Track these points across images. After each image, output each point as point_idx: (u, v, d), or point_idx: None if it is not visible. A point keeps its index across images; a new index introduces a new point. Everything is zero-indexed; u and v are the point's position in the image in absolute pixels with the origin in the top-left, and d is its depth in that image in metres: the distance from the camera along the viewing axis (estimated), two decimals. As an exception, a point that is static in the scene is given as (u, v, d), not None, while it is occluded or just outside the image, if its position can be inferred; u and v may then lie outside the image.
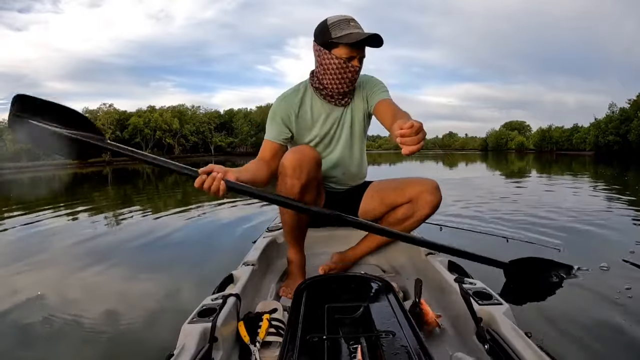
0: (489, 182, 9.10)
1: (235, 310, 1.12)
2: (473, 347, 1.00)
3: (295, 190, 1.39)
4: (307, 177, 1.39)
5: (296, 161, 1.38)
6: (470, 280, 1.18)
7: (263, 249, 1.67)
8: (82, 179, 15.57)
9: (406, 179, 1.66)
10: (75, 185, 12.91)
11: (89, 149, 1.19)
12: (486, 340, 0.93)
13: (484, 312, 1.00)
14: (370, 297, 1.11)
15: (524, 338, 0.86)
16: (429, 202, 1.55)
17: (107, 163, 35.10)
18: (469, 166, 18.23)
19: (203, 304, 1.08)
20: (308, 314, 1.00)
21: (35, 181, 15.67)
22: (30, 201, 7.64)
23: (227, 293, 1.15)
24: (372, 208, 1.70)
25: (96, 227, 4.13)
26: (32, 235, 3.85)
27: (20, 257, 2.89)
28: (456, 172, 13.70)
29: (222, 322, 1.00)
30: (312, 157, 1.41)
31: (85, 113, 38.21)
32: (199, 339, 0.92)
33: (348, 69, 1.46)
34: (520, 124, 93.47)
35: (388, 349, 0.81)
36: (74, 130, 1.18)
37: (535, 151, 68.16)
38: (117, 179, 14.71)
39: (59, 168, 27.60)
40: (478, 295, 1.07)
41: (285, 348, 0.86)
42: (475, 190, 6.26)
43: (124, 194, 8.94)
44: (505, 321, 0.94)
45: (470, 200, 4.90)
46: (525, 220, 3.55)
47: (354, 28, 1.42)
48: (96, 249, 3.11)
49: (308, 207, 1.33)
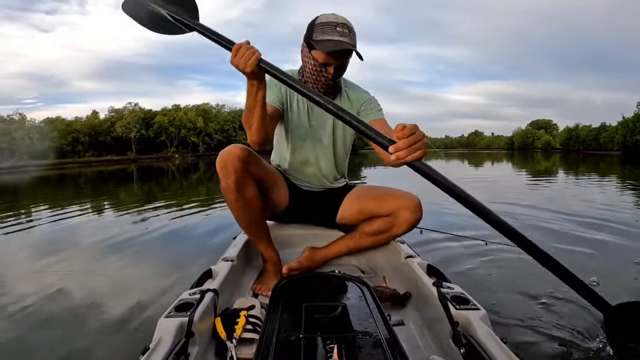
0: (511, 182, 9.04)
1: (213, 306, 1.11)
2: (449, 350, 1.01)
3: (230, 190, 1.40)
4: (236, 174, 1.38)
5: (221, 162, 1.38)
6: (448, 285, 1.19)
7: (243, 245, 1.65)
8: (108, 177, 16.09)
9: (389, 190, 1.65)
10: (99, 182, 13.25)
11: (178, 28, 1.28)
12: (462, 344, 0.94)
13: (460, 317, 1.01)
14: (348, 298, 1.11)
15: (499, 343, 0.87)
16: (408, 220, 1.53)
17: (132, 161, 36.09)
18: (484, 166, 18.01)
19: (181, 299, 1.07)
20: (285, 312, 1.00)
21: (61, 179, 16.05)
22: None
23: (205, 288, 1.14)
24: (350, 215, 1.68)
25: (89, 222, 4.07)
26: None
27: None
28: (476, 172, 13.54)
29: (199, 317, 0.99)
30: (235, 155, 1.37)
31: (111, 112, 40.95)
32: (176, 334, 0.91)
33: (322, 74, 1.45)
34: (546, 122, 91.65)
35: (364, 350, 0.81)
36: (169, 8, 1.29)
37: (562, 150, 66.53)
38: (142, 177, 15.00)
39: (84, 166, 27.98)
40: (455, 299, 1.08)
41: (262, 345, 0.85)
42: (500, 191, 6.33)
43: (147, 191, 8.97)
44: (482, 326, 0.95)
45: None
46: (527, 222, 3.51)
47: (337, 35, 1.38)
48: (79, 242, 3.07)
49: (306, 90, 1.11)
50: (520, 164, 18.96)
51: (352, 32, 1.41)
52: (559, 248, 2.58)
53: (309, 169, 1.69)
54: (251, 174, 1.44)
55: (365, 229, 1.62)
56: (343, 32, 1.38)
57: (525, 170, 14.10)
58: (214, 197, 5.72)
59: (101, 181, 13.90)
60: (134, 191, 9.18)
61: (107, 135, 48.23)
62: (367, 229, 1.61)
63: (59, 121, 48.11)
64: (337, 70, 1.46)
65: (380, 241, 1.62)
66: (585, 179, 9.40)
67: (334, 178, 1.76)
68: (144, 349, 0.87)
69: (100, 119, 50.72)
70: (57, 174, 19.78)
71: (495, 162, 22.50)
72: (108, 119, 50.13)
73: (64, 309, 1.74)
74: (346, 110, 1.05)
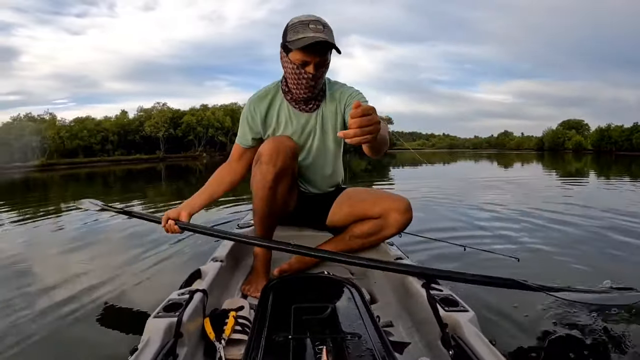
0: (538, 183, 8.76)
1: (202, 306, 1.10)
2: (438, 352, 1.01)
3: (268, 177, 1.38)
4: (283, 165, 1.38)
5: (273, 148, 1.37)
6: (437, 287, 1.19)
7: (232, 245, 1.65)
8: (136, 175, 16.52)
9: (378, 192, 1.65)
10: (129, 181, 13.53)
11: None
12: (451, 346, 0.94)
13: (449, 319, 1.01)
14: (337, 299, 1.11)
15: (488, 345, 0.88)
16: (398, 222, 1.54)
17: (161, 159, 37.78)
18: (513, 167, 17.04)
19: (169, 299, 1.06)
20: (274, 313, 1.00)
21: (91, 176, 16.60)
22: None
23: (194, 288, 1.13)
24: (339, 217, 1.68)
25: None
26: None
27: None
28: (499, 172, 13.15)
29: (188, 317, 0.98)
30: (289, 146, 1.40)
31: (139, 112, 42.98)
32: (164, 334, 0.90)
33: (302, 75, 1.40)
34: (578, 122, 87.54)
35: (353, 351, 0.81)
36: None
37: (594, 151, 63.16)
38: (170, 175, 15.30)
39: (114, 164, 28.69)
40: (444, 301, 1.09)
41: (251, 346, 0.85)
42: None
43: (174, 188, 9.04)
44: (471, 328, 0.95)
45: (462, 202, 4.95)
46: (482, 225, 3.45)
47: (310, 31, 1.32)
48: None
49: (264, 242, 1.46)
50: (551, 165, 17.99)
51: (326, 27, 1.35)
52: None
53: (306, 176, 1.67)
54: (293, 169, 1.46)
55: (355, 231, 1.62)
56: (317, 29, 1.32)
57: (558, 171, 13.35)
58: (229, 195, 5.63)
59: (130, 179, 14.06)
60: (162, 189, 9.25)
61: (136, 134, 48.57)
62: (357, 231, 1.61)
63: (88, 120, 48.53)
64: (317, 68, 1.39)
65: (369, 243, 1.62)
66: (618, 181, 8.87)
67: (331, 182, 1.74)
68: (132, 349, 0.87)
69: (129, 119, 51.05)
70: (86, 172, 20.18)
71: (525, 162, 21.15)
72: (137, 119, 50.45)
73: (50, 304, 1.72)
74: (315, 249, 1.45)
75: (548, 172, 13.28)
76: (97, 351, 1.39)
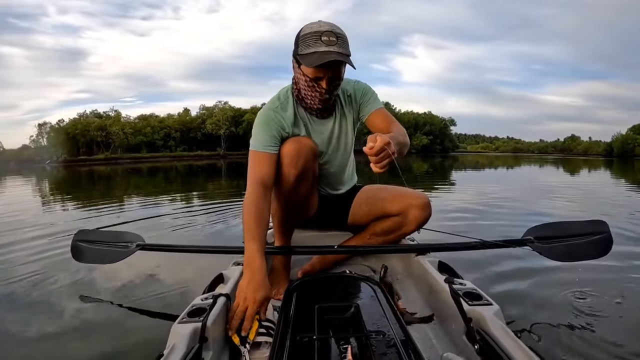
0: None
1: (226, 310, 1.11)
2: (463, 347, 1.01)
3: (290, 179, 1.37)
4: (304, 166, 1.37)
5: (294, 150, 1.36)
6: (460, 281, 1.18)
7: None
8: (198, 170, 17.66)
9: (397, 189, 1.63)
10: (190, 176, 14.35)
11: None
12: (476, 340, 0.93)
13: (473, 313, 1.00)
14: (360, 298, 1.11)
15: (514, 338, 0.86)
16: (417, 219, 1.53)
17: (221, 157, 39.43)
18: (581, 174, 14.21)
19: (193, 304, 1.07)
20: (298, 314, 1.00)
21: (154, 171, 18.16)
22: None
23: (217, 293, 1.14)
24: (359, 216, 1.68)
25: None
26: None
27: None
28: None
29: (212, 322, 0.99)
30: (309, 147, 1.40)
31: (201, 110, 46.54)
32: (189, 339, 0.91)
33: (315, 89, 1.35)
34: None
35: (378, 349, 0.81)
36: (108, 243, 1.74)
37: None
38: (230, 172, 15.91)
39: (176, 160, 30.13)
40: (468, 295, 1.08)
41: (275, 348, 0.86)
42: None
43: (235, 185, 9.19)
44: (495, 321, 0.94)
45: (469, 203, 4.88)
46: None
47: (322, 45, 1.24)
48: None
49: (288, 249, 1.55)
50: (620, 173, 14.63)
51: (340, 38, 1.26)
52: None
53: (324, 180, 1.65)
54: (314, 170, 1.47)
55: (375, 228, 1.62)
56: (330, 41, 1.24)
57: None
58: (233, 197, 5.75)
59: (192, 175, 14.77)
60: (222, 184, 9.61)
61: (198, 132, 49.93)
62: (377, 228, 1.61)
63: (152, 117, 50.34)
64: (330, 82, 1.33)
65: (390, 240, 1.61)
66: None
67: (349, 183, 1.74)
68: (158, 356, 0.88)
69: (192, 116, 52.37)
70: (148, 166, 21.32)
71: (592, 169, 17.13)
72: (199, 117, 51.76)
73: (78, 310, 1.74)
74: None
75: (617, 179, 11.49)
76: (122, 358, 1.41)
